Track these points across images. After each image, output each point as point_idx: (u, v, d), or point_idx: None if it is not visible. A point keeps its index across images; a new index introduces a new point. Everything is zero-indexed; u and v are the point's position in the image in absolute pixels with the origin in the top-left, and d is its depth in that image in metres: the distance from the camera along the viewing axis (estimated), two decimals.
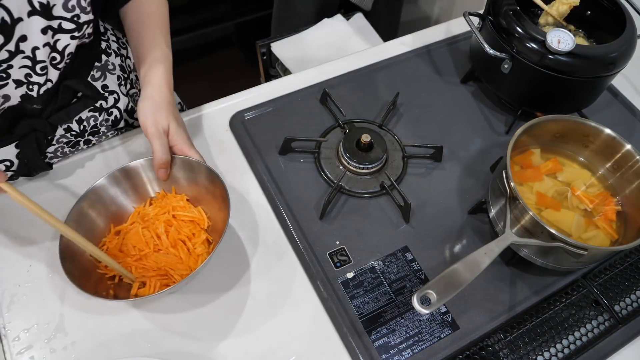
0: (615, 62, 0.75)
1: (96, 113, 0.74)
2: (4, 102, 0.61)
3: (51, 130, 0.69)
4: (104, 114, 0.75)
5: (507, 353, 0.64)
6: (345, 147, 0.78)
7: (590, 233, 0.67)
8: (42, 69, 0.61)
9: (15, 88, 0.60)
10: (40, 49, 0.59)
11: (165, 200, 0.69)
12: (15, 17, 0.54)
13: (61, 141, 0.71)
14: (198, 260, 0.64)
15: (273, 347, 0.63)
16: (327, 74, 0.91)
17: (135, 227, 0.66)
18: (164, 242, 0.64)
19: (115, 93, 0.76)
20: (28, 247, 0.68)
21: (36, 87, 0.62)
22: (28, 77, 0.60)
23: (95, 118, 0.73)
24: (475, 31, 0.80)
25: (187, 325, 0.64)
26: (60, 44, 0.61)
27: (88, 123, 0.73)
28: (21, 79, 0.60)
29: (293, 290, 0.67)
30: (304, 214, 0.74)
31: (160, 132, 0.64)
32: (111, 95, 0.75)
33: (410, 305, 0.66)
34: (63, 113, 0.68)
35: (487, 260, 0.58)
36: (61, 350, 0.61)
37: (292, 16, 1.46)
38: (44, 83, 0.62)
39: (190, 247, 0.65)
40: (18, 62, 0.58)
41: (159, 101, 0.66)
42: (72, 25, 0.60)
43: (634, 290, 0.70)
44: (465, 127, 0.87)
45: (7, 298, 0.64)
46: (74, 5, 0.59)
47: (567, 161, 0.75)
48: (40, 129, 0.67)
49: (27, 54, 0.58)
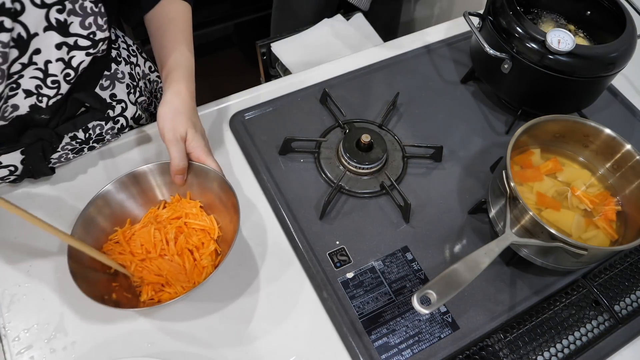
0: (615, 62, 0.75)
1: (102, 122, 0.73)
2: (13, 111, 0.61)
3: (57, 139, 0.68)
4: (110, 123, 0.75)
5: (507, 353, 0.64)
6: (345, 147, 0.78)
7: (590, 233, 0.67)
8: (53, 82, 0.61)
9: (25, 98, 0.60)
10: (53, 63, 0.59)
11: (179, 205, 0.68)
12: (32, 32, 0.54)
13: (66, 148, 0.71)
14: (202, 272, 0.64)
15: (273, 347, 0.63)
16: (327, 74, 0.91)
17: (148, 227, 0.65)
18: (171, 249, 0.64)
19: (124, 102, 0.76)
20: (28, 247, 0.68)
21: (45, 98, 0.62)
22: (38, 88, 0.60)
23: (101, 127, 0.73)
24: (475, 31, 0.80)
25: (186, 325, 0.64)
26: (75, 61, 0.61)
27: (94, 131, 0.73)
28: (31, 90, 0.60)
29: (293, 290, 0.67)
30: (304, 214, 0.74)
31: (177, 139, 0.64)
32: (119, 104, 0.75)
33: (410, 305, 0.66)
34: (70, 124, 0.68)
35: (487, 260, 0.58)
36: (61, 350, 0.61)
37: (290, 17, 1.46)
38: (53, 96, 0.62)
39: (197, 257, 0.64)
40: (30, 72, 0.58)
41: (178, 106, 0.66)
42: (88, 43, 0.60)
43: (634, 290, 0.70)
44: (465, 127, 0.87)
45: (7, 298, 0.64)
46: (91, 23, 0.59)
47: (567, 161, 0.75)
48: (47, 138, 0.67)
49: (39, 66, 0.58)
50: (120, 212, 0.66)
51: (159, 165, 0.67)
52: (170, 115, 0.65)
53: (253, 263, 0.69)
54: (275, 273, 0.69)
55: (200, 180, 0.68)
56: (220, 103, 0.86)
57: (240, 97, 0.87)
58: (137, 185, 0.67)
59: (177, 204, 0.69)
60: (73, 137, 0.71)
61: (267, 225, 0.73)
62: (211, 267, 0.64)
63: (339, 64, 0.93)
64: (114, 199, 0.65)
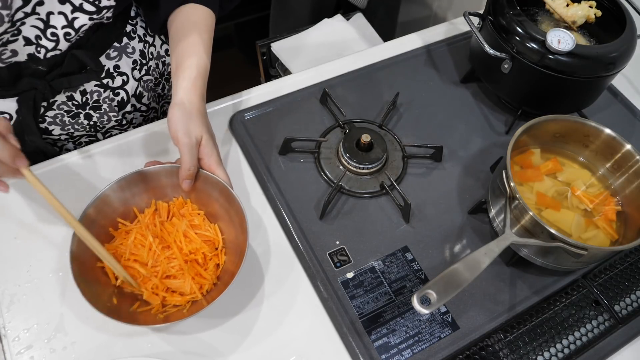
0: (615, 62, 0.75)
1: (101, 89, 0.74)
2: (12, 56, 0.63)
3: (50, 93, 0.70)
4: (109, 92, 0.75)
5: (507, 353, 0.64)
6: (345, 147, 0.78)
7: (590, 233, 0.67)
8: (52, 35, 0.63)
9: (24, 45, 0.62)
10: (55, 15, 0.61)
11: (184, 210, 0.67)
12: None
13: (62, 107, 0.72)
14: (204, 286, 0.63)
15: (273, 347, 0.63)
16: (327, 74, 0.91)
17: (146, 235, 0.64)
18: (180, 263, 0.63)
19: (125, 75, 0.77)
20: (28, 247, 0.68)
21: (43, 50, 0.64)
22: (38, 38, 0.62)
23: (99, 93, 0.74)
24: (475, 31, 0.80)
25: (186, 325, 0.64)
26: (77, 23, 0.63)
27: (91, 97, 0.74)
28: (31, 38, 0.62)
29: (293, 290, 0.67)
30: (304, 214, 0.74)
31: (192, 143, 0.62)
32: (120, 76, 0.76)
33: (410, 305, 0.66)
34: (65, 80, 0.69)
35: (487, 260, 0.58)
36: (61, 350, 0.61)
37: (289, 16, 1.46)
38: (51, 49, 0.64)
39: (200, 271, 0.63)
40: (31, 21, 0.60)
41: (190, 109, 0.64)
42: (92, 8, 0.63)
43: (634, 290, 0.70)
44: (465, 127, 0.87)
45: (7, 298, 0.64)
46: None
47: (567, 161, 0.75)
48: (40, 89, 0.68)
49: (41, 17, 0.60)
50: (123, 211, 0.66)
51: (169, 167, 0.65)
52: (182, 118, 0.63)
53: (252, 263, 0.69)
54: (275, 273, 0.69)
55: (207, 188, 0.66)
56: (220, 103, 0.86)
57: (240, 97, 0.87)
58: (141, 184, 0.66)
59: (183, 208, 0.67)
60: (70, 97, 0.72)
61: (267, 225, 0.73)
62: (212, 280, 0.63)
63: (339, 64, 0.93)
64: (117, 198, 0.65)
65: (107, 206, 0.64)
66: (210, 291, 0.63)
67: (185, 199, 0.68)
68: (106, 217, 0.64)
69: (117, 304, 0.60)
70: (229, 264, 0.64)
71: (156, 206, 0.68)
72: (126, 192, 0.65)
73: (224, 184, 0.64)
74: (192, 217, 0.67)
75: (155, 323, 0.59)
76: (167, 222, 0.67)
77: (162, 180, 0.67)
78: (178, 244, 0.64)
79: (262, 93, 0.88)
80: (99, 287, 0.60)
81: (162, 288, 0.62)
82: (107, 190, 0.63)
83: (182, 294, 0.62)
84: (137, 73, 0.78)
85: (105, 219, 0.64)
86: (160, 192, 0.68)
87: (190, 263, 0.64)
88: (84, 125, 0.79)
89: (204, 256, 0.64)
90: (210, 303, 0.57)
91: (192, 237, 0.65)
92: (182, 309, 0.61)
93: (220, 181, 0.64)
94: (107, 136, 0.85)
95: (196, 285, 0.62)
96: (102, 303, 0.57)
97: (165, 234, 0.65)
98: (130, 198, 0.66)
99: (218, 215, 0.67)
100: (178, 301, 0.61)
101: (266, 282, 0.68)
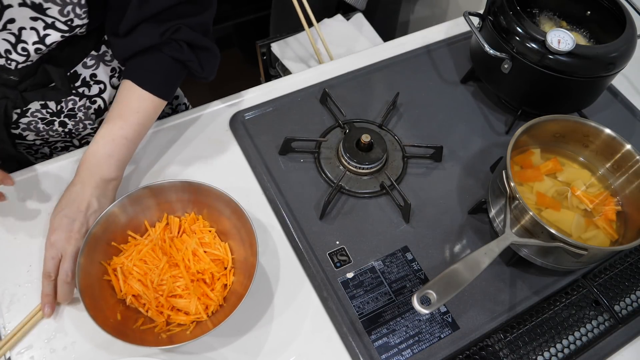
0: (615, 62, 0.75)
1: (76, 98, 0.74)
2: None
3: (22, 103, 0.69)
4: (85, 101, 0.75)
5: (507, 353, 0.64)
6: (345, 147, 0.78)
7: (590, 233, 0.67)
8: (23, 50, 0.62)
9: None
10: (27, 30, 0.60)
11: (196, 226, 0.66)
12: (5, 4, 0.56)
13: (36, 115, 0.72)
14: (210, 306, 0.62)
15: (273, 347, 0.63)
16: (327, 74, 0.91)
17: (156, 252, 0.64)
18: (187, 282, 0.62)
19: (102, 83, 0.76)
20: (28, 247, 0.68)
21: (14, 63, 0.63)
22: (7, 53, 0.62)
23: (74, 102, 0.73)
24: (475, 31, 0.80)
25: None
26: (49, 39, 0.62)
27: (66, 105, 0.73)
28: (0, 52, 0.62)
29: (293, 290, 0.67)
30: (304, 214, 0.74)
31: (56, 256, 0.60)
32: (97, 84, 0.75)
33: (410, 305, 0.66)
34: (39, 94, 0.69)
35: (487, 260, 0.58)
36: (61, 350, 0.61)
37: (289, 16, 1.46)
38: (22, 62, 0.64)
39: (207, 292, 0.62)
40: (3, 35, 0.60)
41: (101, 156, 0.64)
42: (65, 27, 0.62)
43: (634, 290, 0.70)
44: (465, 127, 0.87)
45: (7, 298, 0.64)
46: (69, 11, 0.61)
47: (567, 161, 0.75)
48: (12, 98, 0.68)
49: (13, 31, 0.60)
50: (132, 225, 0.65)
51: (179, 183, 0.65)
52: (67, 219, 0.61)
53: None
54: (275, 273, 0.69)
55: (219, 206, 0.65)
56: (220, 103, 0.86)
57: (240, 97, 0.87)
58: (150, 199, 0.65)
59: (194, 225, 0.67)
60: (44, 105, 0.71)
61: (267, 225, 0.73)
62: (218, 302, 0.62)
63: (339, 64, 0.93)
64: (124, 213, 0.64)
65: (114, 223, 0.63)
66: (215, 312, 0.62)
67: (198, 214, 0.68)
68: (115, 232, 0.64)
69: (122, 320, 0.60)
70: (237, 285, 0.63)
71: (167, 220, 0.67)
72: (135, 207, 0.65)
73: (236, 203, 0.63)
74: (202, 235, 0.66)
75: (158, 345, 0.58)
76: (176, 239, 0.66)
77: (172, 195, 0.66)
78: (186, 263, 0.63)
79: (262, 93, 0.88)
80: (103, 303, 0.60)
81: (167, 306, 0.62)
82: (115, 207, 0.63)
83: (187, 313, 0.61)
84: (115, 80, 0.78)
85: (113, 233, 0.64)
86: (169, 207, 0.67)
87: (197, 282, 0.63)
88: (59, 132, 0.78)
89: (212, 276, 0.64)
90: (216, 326, 0.56)
91: (201, 255, 0.64)
92: (186, 329, 0.60)
93: (233, 200, 0.63)
94: (84, 142, 0.84)
95: (202, 306, 0.61)
96: (106, 319, 0.57)
97: (174, 251, 0.64)
98: (140, 212, 0.65)
99: (229, 234, 0.67)
100: (183, 320, 0.61)
101: (265, 282, 0.67)
